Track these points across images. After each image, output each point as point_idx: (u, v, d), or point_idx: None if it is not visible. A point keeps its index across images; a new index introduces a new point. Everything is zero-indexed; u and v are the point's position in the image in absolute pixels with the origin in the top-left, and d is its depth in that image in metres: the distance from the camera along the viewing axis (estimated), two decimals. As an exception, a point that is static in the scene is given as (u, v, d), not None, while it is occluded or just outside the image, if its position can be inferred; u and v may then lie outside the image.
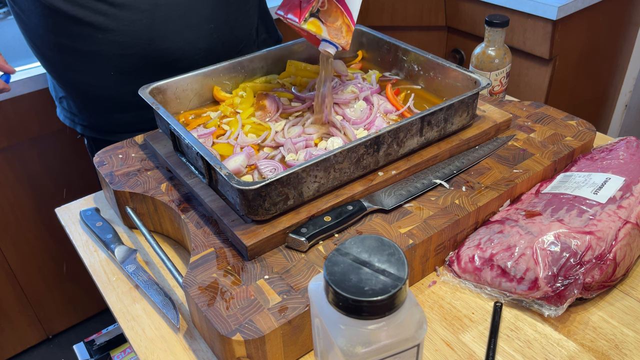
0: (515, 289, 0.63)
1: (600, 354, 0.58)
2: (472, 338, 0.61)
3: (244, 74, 0.91)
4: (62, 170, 1.45)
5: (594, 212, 0.66)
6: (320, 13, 0.73)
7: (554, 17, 1.43)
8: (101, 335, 1.38)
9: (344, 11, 0.74)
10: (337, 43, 0.75)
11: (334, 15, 0.74)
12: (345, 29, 0.75)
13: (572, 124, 0.86)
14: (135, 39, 0.89)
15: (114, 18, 0.86)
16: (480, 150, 0.80)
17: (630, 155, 0.76)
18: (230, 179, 0.62)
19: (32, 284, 1.55)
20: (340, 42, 0.75)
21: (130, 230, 0.80)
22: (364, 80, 0.92)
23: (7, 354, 1.64)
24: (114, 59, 0.91)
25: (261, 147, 0.79)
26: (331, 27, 0.73)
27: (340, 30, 0.74)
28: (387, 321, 0.41)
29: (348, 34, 0.75)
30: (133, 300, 0.68)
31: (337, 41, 0.75)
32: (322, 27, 0.73)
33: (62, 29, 0.88)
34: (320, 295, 0.44)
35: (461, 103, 0.77)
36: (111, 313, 0.67)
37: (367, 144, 0.70)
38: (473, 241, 0.68)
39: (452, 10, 1.72)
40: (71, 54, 0.91)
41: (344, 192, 0.70)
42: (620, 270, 0.64)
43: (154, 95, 0.81)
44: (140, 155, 0.82)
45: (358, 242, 0.44)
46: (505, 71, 1.00)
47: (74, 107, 1.03)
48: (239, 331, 0.55)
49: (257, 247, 0.63)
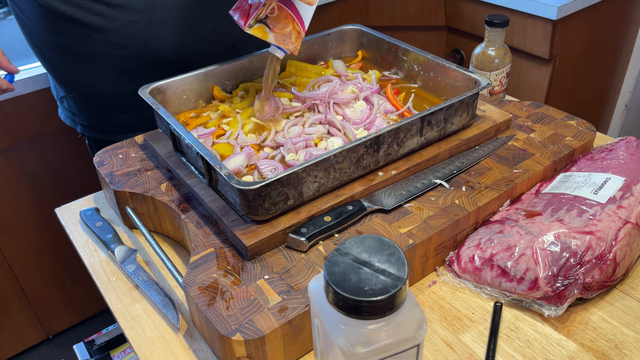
0: (515, 289, 0.63)
1: (600, 354, 0.58)
2: (472, 338, 0.61)
3: (244, 74, 0.91)
4: (62, 170, 1.45)
5: (594, 212, 0.66)
6: (269, 19, 0.76)
7: (554, 17, 1.43)
8: (101, 335, 1.38)
9: (295, 18, 0.77)
10: (284, 48, 0.78)
11: (284, 22, 0.77)
12: (295, 35, 0.78)
13: (572, 124, 0.86)
14: (132, 40, 0.89)
15: (111, 19, 0.86)
16: (480, 150, 0.80)
17: (630, 155, 0.76)
18: (230, 179, 0.62)
19: (32, 284, 1.55)
20: (288, 47, 0.78)
21: (130, 230, 0.80)
22: (364, 80, 0.92)
23: (7, 354, 1.64)
24: (111, 60, 0.91)
25: (261, 147, 0.79)
26: (279, 33, 0.76)
27: (289, 36, 0.77)
28: (387, 321, 0.41)
29: (297, 40, 0.78)
30: (133, 300, 0.68)
31: (284, 46, 0.78)
32: (269, 32, 0.76)
33: (60, 30, 0.88)
34: (320, 295, 0.44)
35: (461, 103, 0.77)
36: (111, 313, 0.67)
37: (367, 144, 0.70)
38: (473, 241, 0.68)
39: (452, 10, 1.72)
40: (70, 55, 0.92)
41: (344, 192, 0.70)
42: (620, 270, 0.64)
43: (154, 95, 0.81)
44: (140, 155, 0.82)
45: (358, 242, 0.44)
46: (505, 71, 1.00)
47: (74, 106, 1.04)
48: (239, 331, 0.55)
49: (257, 247, 0.63)
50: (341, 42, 1.01)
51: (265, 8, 0.75)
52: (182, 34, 0.92)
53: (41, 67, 1.27)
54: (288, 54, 0.80)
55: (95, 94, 0.98)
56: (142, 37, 0.89)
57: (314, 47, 0.99)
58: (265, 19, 0.76)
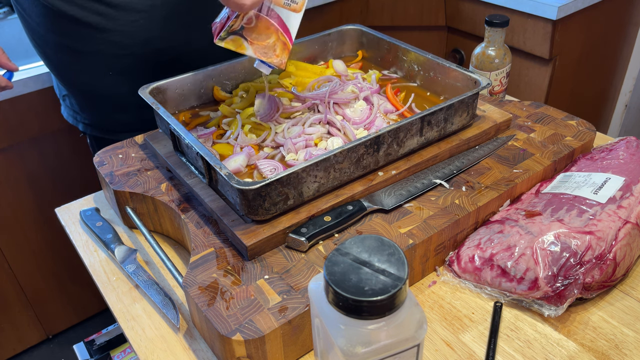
0: (515, 289, 0.63)
1: (600, 354, 0.58)
2: (472, 338, 0.61)
3: (244, 74, 0.91)
4: (62, 170, 1.45)
5: (594, 212, 0.66)
6: (245, 30, 0.69)
7: (554, 17, 1.43)
8: (101, 335, 1.38)
9: (279, 28, 0.70)
10: (268, 62, 0.72)
11: (266, 33, 0.70)
12: (280, 46, 0.71)
13: (572, 124, 0.86)
14: (132, 39, 0.89)
15: (111, 18, 0.87)
16: (480, 150, 0.80)
17: (630, 155, 0.76)
18: (230, 179, 0.62)
19: (32, 284, 1.55)
20: (272, 60, 0.71)
21: (130, 230, 0.80)
22: (364, 80, 0.92)
23: (7, 354, 1.64)
24: (111, 59, 0.91)
25: (261, 147, 0.79)
26: (259, 45, 0.69)
27: (272, 49, 0.70)
28: (387, 321, 0.41)
29: (283, 52, 0.71)
30: (133, 300, 0.68)
31: (267, 60, 0.71)
32: (246, 45, 0.69)
33: (62, 29, 0.89)
34: (320, 295, 0.44)
35: (461, 103, 0.77)
36: (111, 313, 0.67)
37: (367, 144, 0.70)
38: (473, 241, 0.68)
39: (452, 10, 1.72)
40: (71, 54, 0.92)
41: (344, 192, 0.70)
42: (620, 270, 0.64)
43: (154, 95, 0.81)
44: (140, 155, 0.82)
45: (358, 242, 0.44)
46: (505, 71, 1.00)
47: (76, 105, 1.04)
48: (239, 331, 0.55)
49: (257, 247, 0.63)
50: (341, 42, 1.01)
51: (239, 19, 0.68)
52: (181, 34, 0.92)
53: (41, 67, 1.28)
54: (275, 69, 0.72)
55: (96, 93, 0.98)
56: (142, 37, 0.89)
57: (314, 47, 0.99)
58: (240, 30, 0.69)
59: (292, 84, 0.91)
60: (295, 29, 0.71)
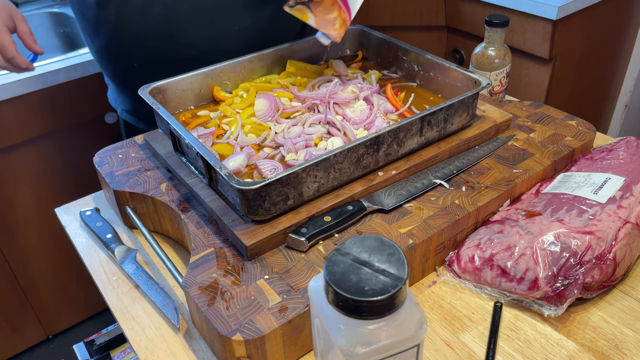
0: (515, 289, 0.63)
1: (600, 354, 0.58)
2: (472, 338, 0.61)
3: (244, 74, 0.91)
4: (62, 170, 1.45)
5: (594, 212, 0.66)
6: (313, 2, 0.78)
7: (554, 17, 1.43)
8: (101, 335, 1.38)
9: (343, 6, 0.77)
10: (326, 33, 0.80)
11: (330, 8, 0.78)
12: (339, 22, 0.78)
13: (572, 124, 0.86)
14: (155, 32, 0.90)
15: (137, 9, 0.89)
16: (480, 150, 0.80)
17: (630, 155, 0.76)
18: (230, 179, 0.62)
19: (32, 284, 1.55)
20: (330, 33, 0.79)
21: (130, 230, 0.80)
22: (364, 80, 0.92)
23: (7, 354, 1.64)
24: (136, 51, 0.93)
25: (261, 147, 0.79)
26: (321, 17, 0.78)
27: (332, 23, 0.78)
28: (387, 321, 0.41)
29: (342, 27, 0.79)
30: (133, 300, 0.68)
31: (325, 31, 0.79)
32: (310, 15, 0.78)
33: (110, 7, 0.91)
34: (320, 295, 0.44)
35: (461, 103, 0.77)
36: (111, 313, 0.67)
37: (367, 144, 0.70)
38: (473, 241, 0.68)
39: (452, 10, 1.72)
40: (113, 37, 0.94)
41: (344, 192, 0.70)
42: (620, 270, 0.64)
43: (154, 95, 0.82)
44: (140, 155, 0.82)
45: (358, 242, 0.44)
46: (505, 71, 1.00)
47: (115, 90, 1.09)
48: (239, 331, 0.55)
49: (257, 247, 0.63)
50: (341, 42, 1.01)
51: None
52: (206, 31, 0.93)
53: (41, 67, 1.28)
54: (331, 41, 0.80)
55: (125, 83, 1.01)
56: (165, 30, 0.90)
57: (314, 47, 0.99)
58: (308, 2, 0.77)
59: (292, 84, 0.91)
60: (355, 9, 0.79)
